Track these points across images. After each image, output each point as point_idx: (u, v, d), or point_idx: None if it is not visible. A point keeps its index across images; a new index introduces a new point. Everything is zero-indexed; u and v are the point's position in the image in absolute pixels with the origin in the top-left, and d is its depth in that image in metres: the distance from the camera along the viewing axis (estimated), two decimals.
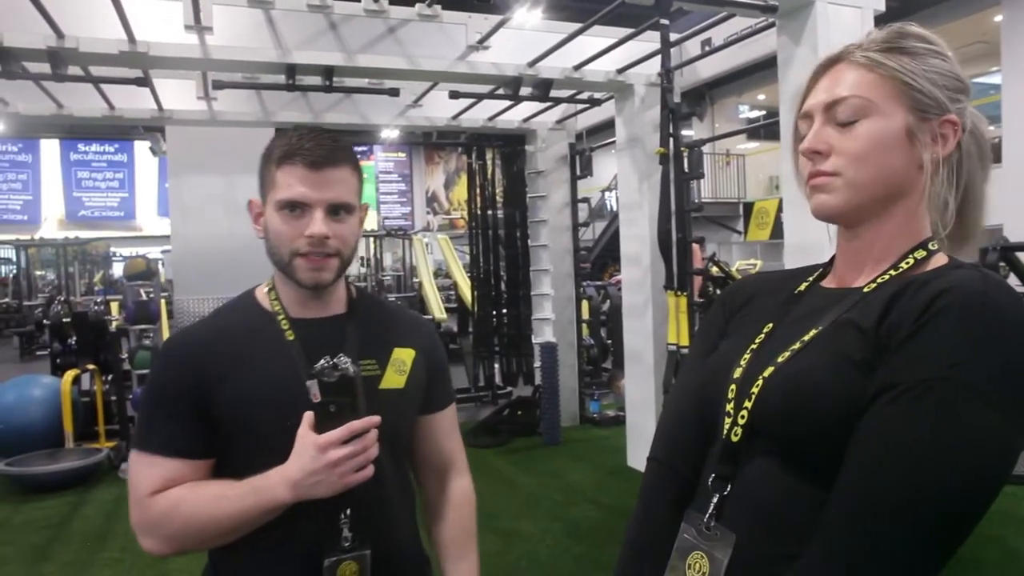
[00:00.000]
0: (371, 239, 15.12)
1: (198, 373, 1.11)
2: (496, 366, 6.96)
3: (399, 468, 1.24)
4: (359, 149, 20.55)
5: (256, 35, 4.08)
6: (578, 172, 6.43)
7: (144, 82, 4.52)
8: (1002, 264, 7.55)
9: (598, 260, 13.08)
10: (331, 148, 1.12)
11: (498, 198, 6.84)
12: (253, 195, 1.19)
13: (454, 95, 5.02)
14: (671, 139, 3.81)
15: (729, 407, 0.86)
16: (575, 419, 6.46)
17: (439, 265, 14.16)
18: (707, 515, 0.85)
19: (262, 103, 5.56)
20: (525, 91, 4.79)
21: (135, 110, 5.25)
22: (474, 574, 1.29)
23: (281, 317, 1.17)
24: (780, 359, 0.83)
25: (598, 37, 4.60)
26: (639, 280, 4.90)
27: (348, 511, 1.10)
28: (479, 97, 5.20)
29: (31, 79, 4.20)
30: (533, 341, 6.35)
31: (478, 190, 6.93)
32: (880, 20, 4.00)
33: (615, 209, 4.80)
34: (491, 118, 6.06)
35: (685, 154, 3.97)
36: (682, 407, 0.99)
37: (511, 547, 3.83)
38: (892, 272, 0.83)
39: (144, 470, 1.10)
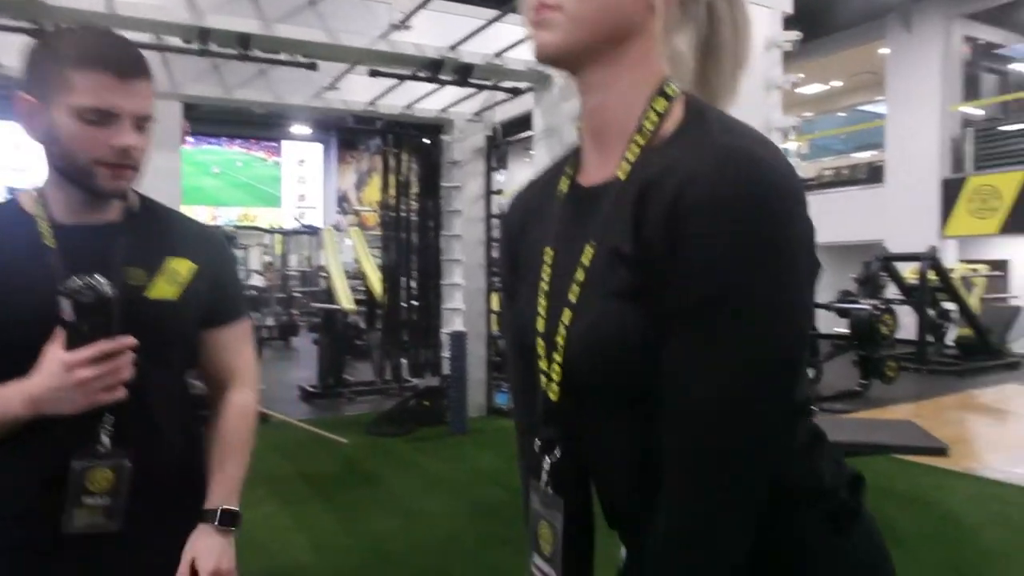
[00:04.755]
0: (276, 236, 14.73)
1: None
2: (404, 360, 6.90)
3: (173, 379, 1.20)
4: (269, 144, 20.01)
5: None
6: (494, 164, 6.49)
7: (39, 35, 4.26)
8: (883, 273, 8.17)
9: None
10: (136, 57, 1.07)
11: (412, 188, 6.81)
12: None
13: (374, 73, 4.98)
14: None
15: (543, 364, 0.80)
16: (482, 410, 6.47)
17: (348, 266, 13.93)
18: (543, 482, 0.82)
19: (170, 74, 5.32)
20: (445, 76, 4.80)
21: None
22: (235, 480, 1.20)
23: (42, 221, 1.10)
24: (571, 297, 0.77)
25: (521, 26, 4.67)
26: None
27: (110, 419, 1.06)
28: (400, 78, 5.17)
29: None
30: (442, 331, 6.34)
31: (392, 179, 6.88)
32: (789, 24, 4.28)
33: None
34: (409, 105, 6.03)
35: None
36: (516, 363, 0.93)
37: (414, 525, 3.80)
38: (639, 140, 0.76)
39: None
